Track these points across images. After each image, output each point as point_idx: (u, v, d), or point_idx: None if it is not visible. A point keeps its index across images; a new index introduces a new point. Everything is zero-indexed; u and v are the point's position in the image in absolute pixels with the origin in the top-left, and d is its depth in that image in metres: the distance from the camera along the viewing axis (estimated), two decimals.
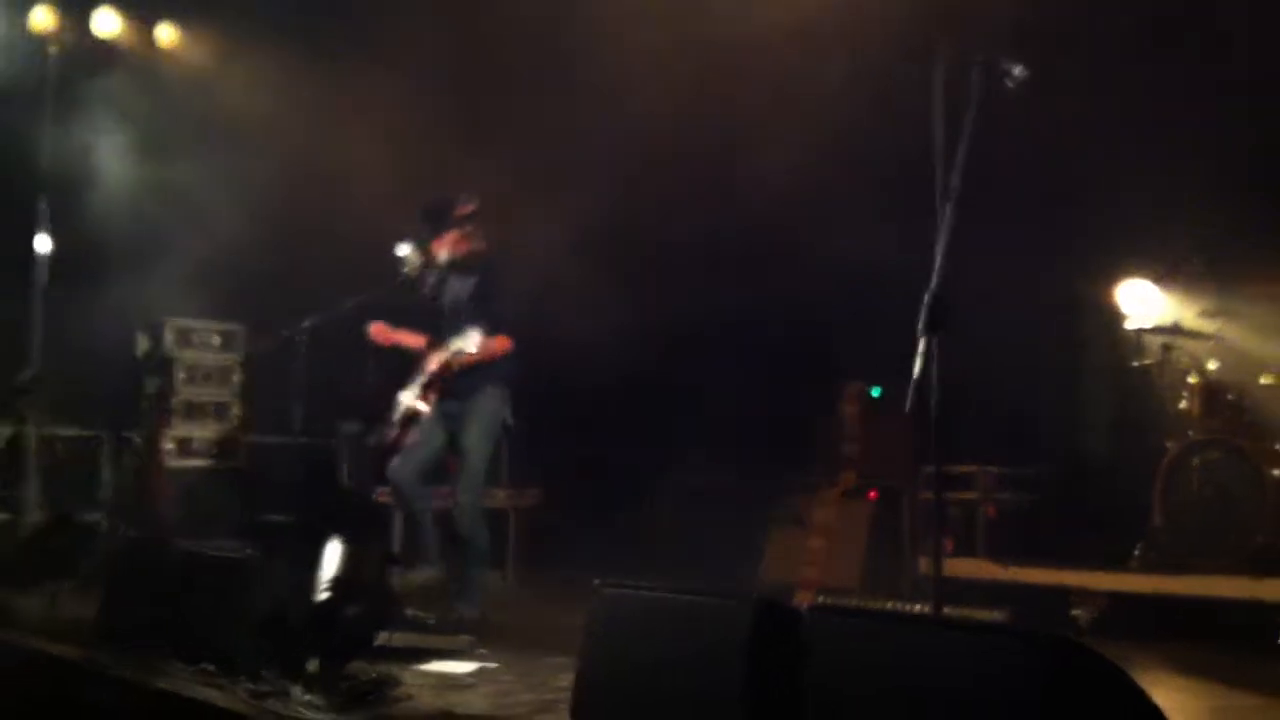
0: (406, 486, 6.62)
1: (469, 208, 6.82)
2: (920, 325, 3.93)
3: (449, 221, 6.76)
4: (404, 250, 6.76)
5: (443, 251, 6.79)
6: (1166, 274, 7.60)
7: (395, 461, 6.65)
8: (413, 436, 6.62)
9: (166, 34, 9.28)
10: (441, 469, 7.78)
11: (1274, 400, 6.95)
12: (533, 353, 6.61)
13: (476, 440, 6.62)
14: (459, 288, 6.84)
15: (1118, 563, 7.16)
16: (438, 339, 6.80)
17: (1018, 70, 4.11)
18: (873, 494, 8.55)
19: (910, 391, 3.91)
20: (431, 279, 6.85)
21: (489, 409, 6.62)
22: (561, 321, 8.98)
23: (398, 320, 7.08)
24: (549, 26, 8.57)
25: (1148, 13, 7.76)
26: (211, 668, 4.78)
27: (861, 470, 8.55)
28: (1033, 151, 7.62)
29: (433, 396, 6.57)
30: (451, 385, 6.57)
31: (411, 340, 6.85)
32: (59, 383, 8.53)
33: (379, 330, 6.83)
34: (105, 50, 9.07)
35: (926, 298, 3.95)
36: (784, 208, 9.01)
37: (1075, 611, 7.01)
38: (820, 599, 7.65)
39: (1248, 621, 6.08)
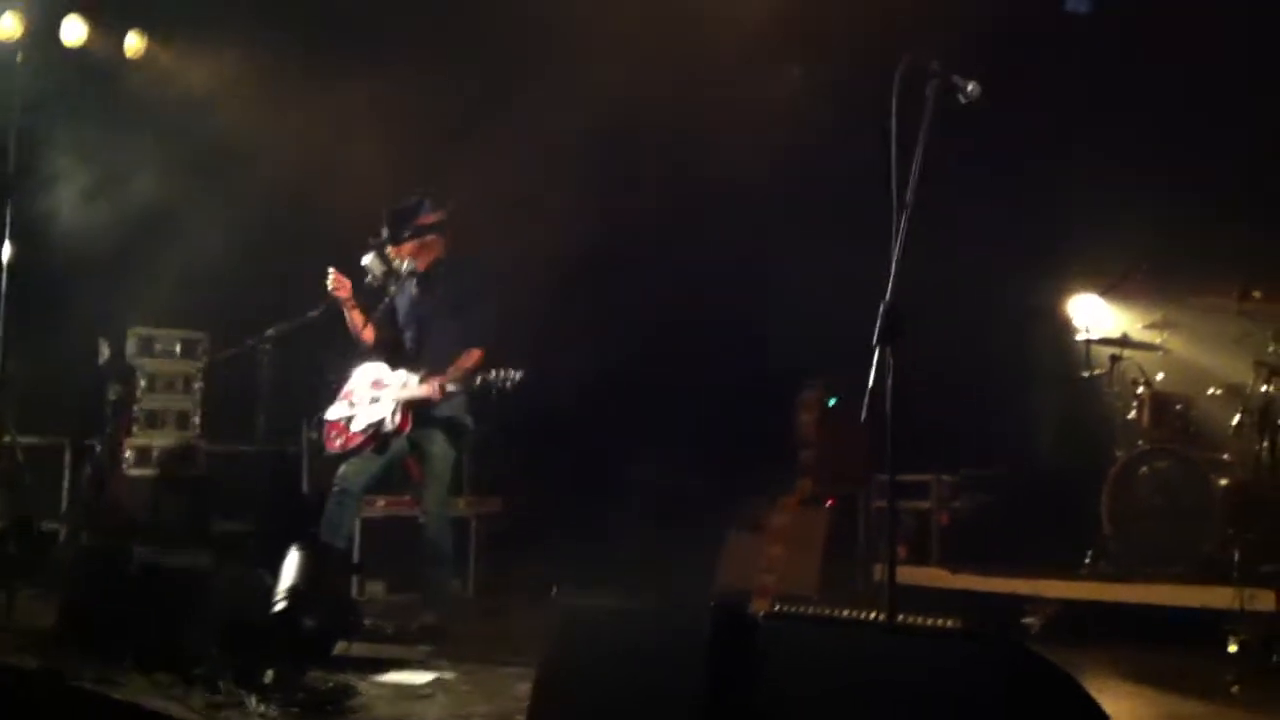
0: (353, 496, 6.62)
1: (433, 217, 6.79)
2: (875, 335, 4.00)
3: (411, 229, 6.76)
4: (367, 259, 6.75)
5: (404, 259, 6.78)
6: (1113, 287, 7.74)
7: (346, 468, 6.64)
8: (369, 445, 6.62)
9: (134, 41, 9.24)
10: (400, 476, 7.82)
11: (1221, 410, 7.08)
12: (492, 360, 6.61)
13: (442, 447, 6.63)
14: (420, 297, 6.83)
15: (1068, 570, 7.26)
16: (397, 346, 6.81)
17: (970, 87, 4.19)
18: (830, 501, 8.63)
19: (865, 400, 3.97)
20: (394, 286, 6.83)
21: (455, 416, 6.64)
22: (521, 328, 9.01)
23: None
24: (524, 32, 8.60)
25: (1096, 27, 7.90)
26: (168, 678, 4.78)
27: (818, 477, 8.65)
28: (986, 165, 7.73)
29: (410, 420, 6.56)
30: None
31: (359, 319, 6.78)
32: (20, 390, 8.47)
33: (340, 280, 6.71)
34: (72, 58, 9.02)
35: (881, 308, 4.02)
36: (745, 218, 9.09)
37: (1027, 619, 7.11)
38: (777, 606, 7.72)
39: (1197, 628, 6.18)
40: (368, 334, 6.82)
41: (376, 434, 6.59)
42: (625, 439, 9.98)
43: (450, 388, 6.45)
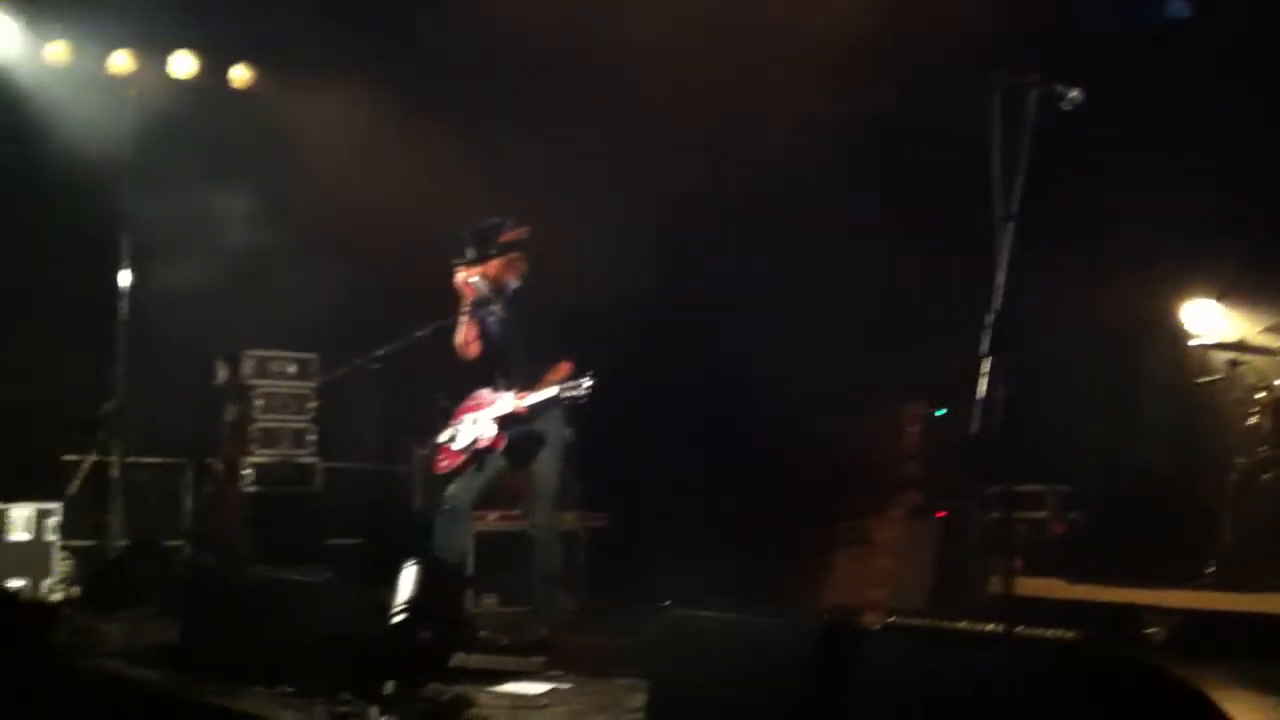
0: (462, 514, 6.71)
1: (515, 233, 6.85)
2: (984, 346, 3.96)
3: (497, 247, 6.82)
4: (474, 279, 6.84)
5: (488, 277, 6.83)
6: (1228, 291, 7.56)
7: (454, 486, 6.75)
8: (471, 463, 6.72)
9: (241, 74, 9.51)
10: (507, 491, 7.90)
11: None
12: (600, 374, 6.65)
13: (545, 461, 6.70)
14: (508, 314, 6.90)
15: (1189, 581, 7.09)
16: (497, 364, 6.88)
17: (1073, 94, 4.14)
18: (940, 513, 8.52)
19: (976, 411, 3.93)
20: (496, 305, 6.89)
21: (553, 429, 6.70)
22: (631, 346, 9.07)
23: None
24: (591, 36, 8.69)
25: (1201, 29, 7.73)
26: (290, 690, 4.87)
27: (925, 490, 8.56)
28: (1091, 172, 7.61)
29: (504, 437, 6.65)
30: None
31: (472, 333, 6.83)
32: (141, 412, 8.74)
33: (468, 286, 6.77)
34: (183, 90, 9.31)
35: (989, 318, 3.98)
36: (845, 234, 9.04)
37: (1148, 630, 6.95)
38: (889, 619, 7.65)
39: None
40: (474, 349, 6.88)
41: (474, 452, 6.68)
42: (732, 453, 9.98)
43: (535, 399, 6.50)
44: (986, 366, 3.93)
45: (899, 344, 9.29)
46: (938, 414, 8.67)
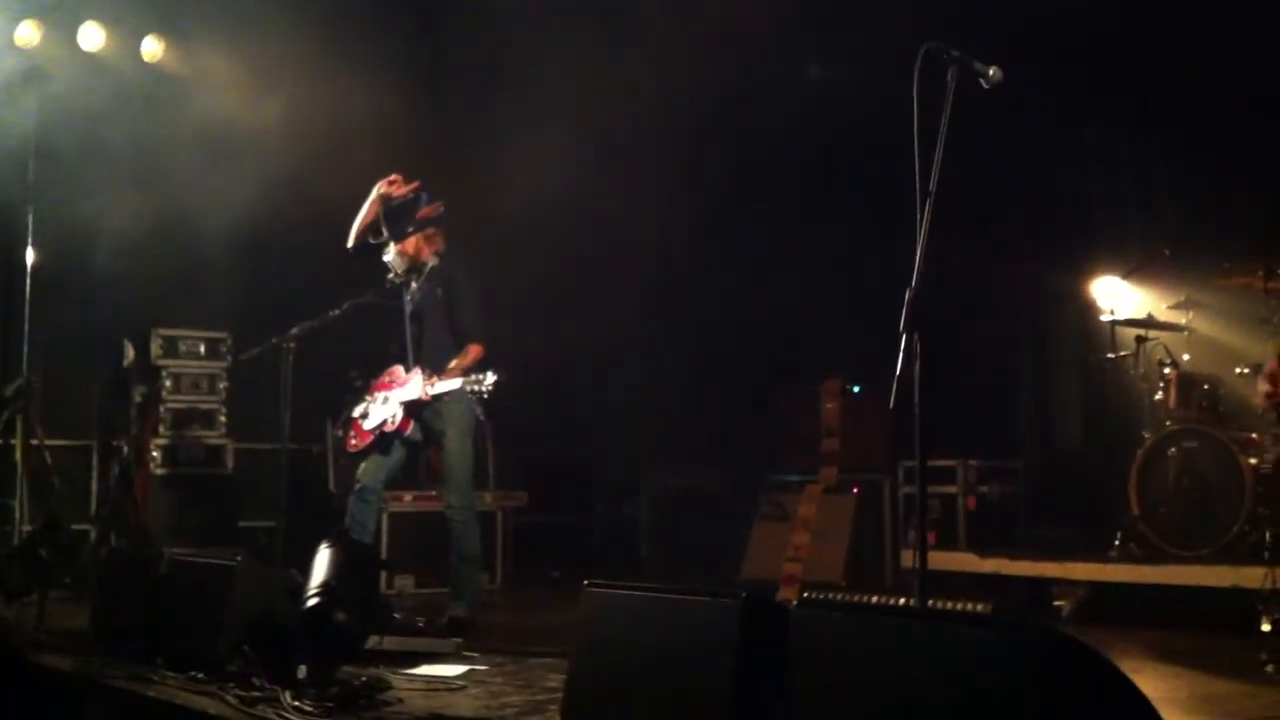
0: (374, 493, 6.67)
1: (432, 209, 6.79)
2: (902, 321, 3.99)
3: (414, 223, 6.76)
4: (389, 255, 6.77)
5: (406, 254, 6.77)
6: (1137, 269, 7.71)
7: (365, 465, 6.70)
8: (378, 445, 6.66)
9: (152, 46, 9.26)
10: (427, 471, 7.84)
11: (1248, 390, 7.04)
12: (509, 356, 6.63)
13: (456, 442, 6.66)
14: (421, 292, 6.84)
15: (1098, 552, 7.24)
16: (404, 343, 6.83)
17: (992, 71, 4.18)
18: (856, 488, 8.62)
19: (894, 386, 3.97)
20: (415, 284, 6.84)
21: (461, 410, 6.65)
22: (538, 322, 9.06)
23: (383, 324, 7.11)
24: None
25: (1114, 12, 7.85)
26: (201, 675, 4.80)
27: (842, 465, 8.66)
28: (1005, 150, 7.71)
29: (410, 421, 6.60)
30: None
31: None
32: (47, 393, 8.54)
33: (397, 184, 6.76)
34: (90, 64, 9.05)
35: (907, 294, 4.01)
36: (760, 205, 9.09)
37: (1057, 601, 7.09)
38: (805, 594, 7.73)
39: (1228, 608, 6.16)
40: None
41: (381, 434, 6.63)
42: (646, 431, 10.02)
43: (442, 387, 6.45)
44: (904, 343, 3.95)
45: (819, 321, 9.39)
46: (854, 390, 8.77)
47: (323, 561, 5.02)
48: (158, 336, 9.13)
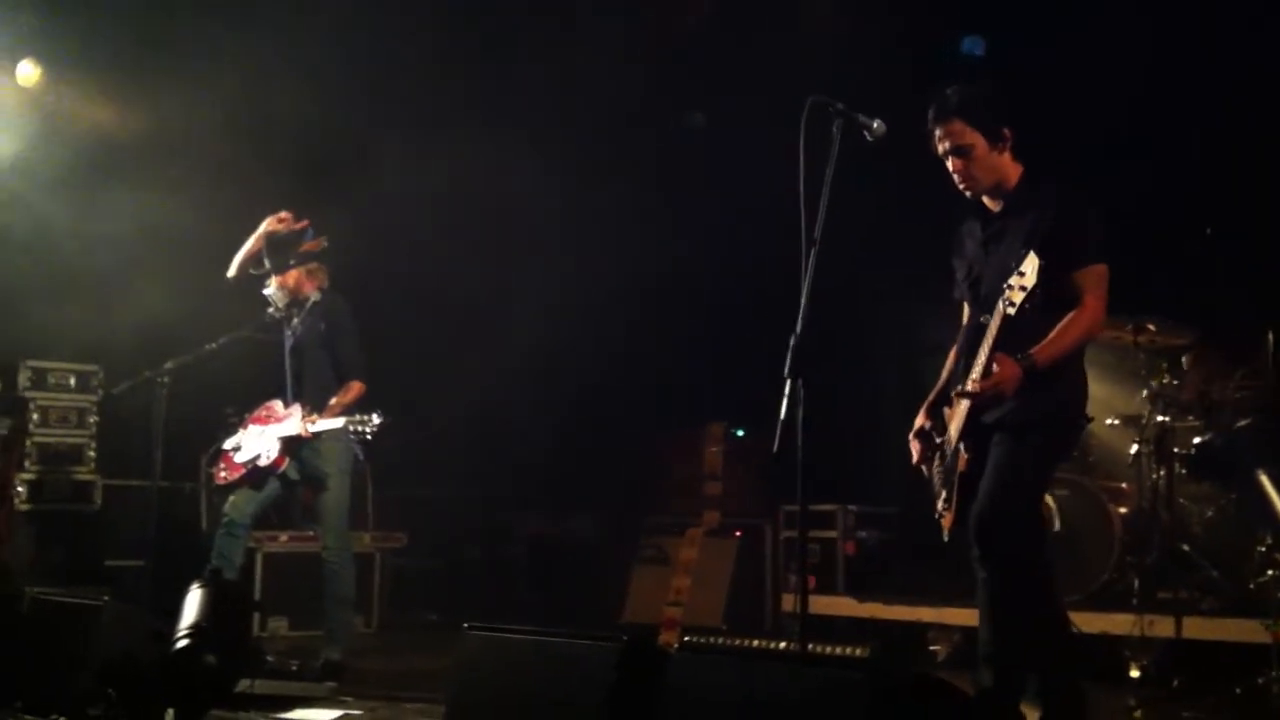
0: (241, 527, 6.53)
1: (315, 244, 6.73)
2: (786, 368, 4.03)
3: (296, 257, 6.69)
4: (270, 288, 6.67)
5: (286, 286, 6.70)
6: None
7: (234, 499, 6.58)
8: (250, 479, 6.54)
9: (27, 72, 8.99)
10: (301, 510, 7.70)
11: (1118, 440, 7.22)
12: (386, 395, 6.55)
13: (333, 481, 6.55)
14: (302, 327, 6.75)
15: (972, 598, 7.34)
16: (282, 379, 6.73)
17: (876, 124, 4.27)
18: (737, 533, 8.66)
19: (778, 432, 4.00)
20: (296, 319, 6.74)
21: (340, 450, 6.55)
22: (417, 362, 8.99)
23: (263, 358, 6.98)
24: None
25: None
26: (63, 719, 4.64)
27: (724, 510, 8.70)
28: (884, 199, 7.84)
29: (285, 459, 6.49)
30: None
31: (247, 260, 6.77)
32: None
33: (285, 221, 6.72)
34: None
35: (792, 341, 4.06)
36: (653, 252, 9.13)
37: (933, 646, 7.18)
38: (685, 638, 7.73)
39: (1098, 654, 6.27)
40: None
41: (254, 468, 6.51)
42: (525, 473, 9.98)
43: (323, 425, 6.35)
44: (788, 388, 3.99)
45: (703, 365, 9.45)
46: (737, 434, 8.84)
47: (194, 602, 4.91)
48: (26, 368, 8.86)
